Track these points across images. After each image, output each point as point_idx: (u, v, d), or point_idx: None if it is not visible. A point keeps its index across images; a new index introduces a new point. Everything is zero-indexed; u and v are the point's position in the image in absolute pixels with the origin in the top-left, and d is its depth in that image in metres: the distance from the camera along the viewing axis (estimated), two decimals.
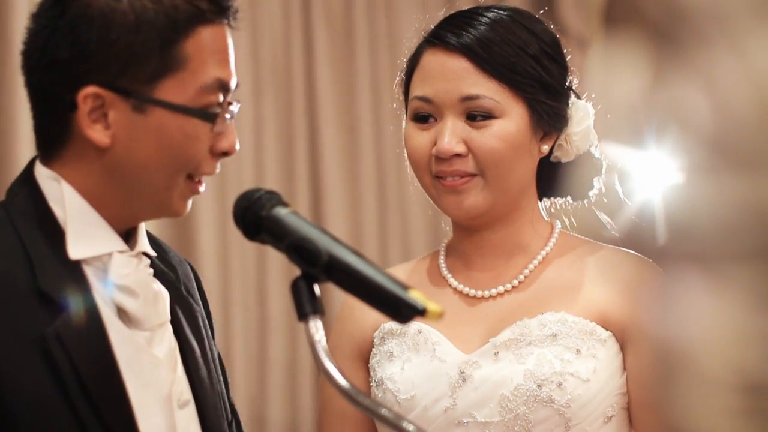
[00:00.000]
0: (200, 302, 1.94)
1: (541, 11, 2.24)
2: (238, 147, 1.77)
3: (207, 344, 1.88)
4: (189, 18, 1.71)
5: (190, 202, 1.79)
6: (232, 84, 1.75)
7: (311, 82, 4.32)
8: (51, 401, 1.64)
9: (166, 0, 1.70)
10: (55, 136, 1.75)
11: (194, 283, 1.95)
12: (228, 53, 1.75)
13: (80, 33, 1.69)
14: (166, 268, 1.86)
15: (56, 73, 1.71)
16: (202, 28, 1.72)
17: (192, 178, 1.75)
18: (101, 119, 1.70)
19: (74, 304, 1.67)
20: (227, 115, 1.74)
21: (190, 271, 1.95)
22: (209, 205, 4.05)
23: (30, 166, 1.77)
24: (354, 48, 4.38)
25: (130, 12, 1.69)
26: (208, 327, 1.93)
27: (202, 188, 1.78)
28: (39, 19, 1.73)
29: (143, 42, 1.69)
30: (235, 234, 1.75)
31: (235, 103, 1.77)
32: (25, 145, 3.70)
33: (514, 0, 4.51)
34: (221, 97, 1.73)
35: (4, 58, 3.70)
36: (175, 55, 1.70)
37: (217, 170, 1.78)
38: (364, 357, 2.19)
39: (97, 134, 1.70)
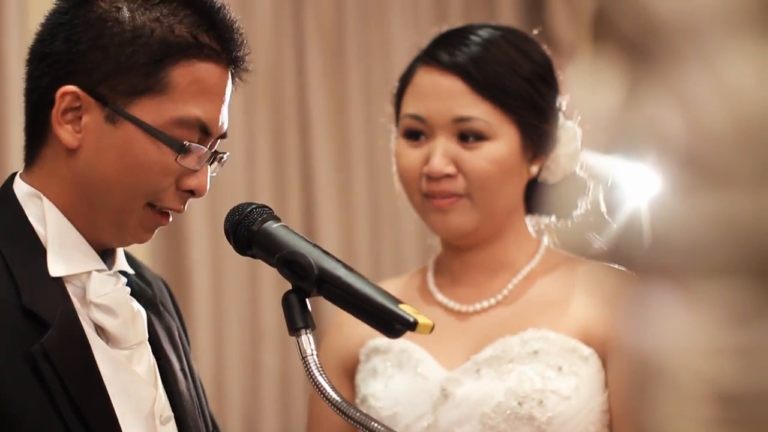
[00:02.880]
0: (175, 317, 1.95)
1: (535, 31, 2.25)
2: (206, 190, 1.75)
3: (185, 359, 1.89)
4: (185, 47, 1.72)
5: (153, 233, 1.79)
6: (215, 129, 1.75)
7: (303, 95, 4.33)
8: (45, 418, 1.65)
9: (165, 21, 1.71)
10: (36, 135, 1.77)
11: (168, 298, 1.96)
12: (218, 97, 1.74)
13: (75, 32, 1.71)
14: (143, 284, 1.87)
15: (46, 66, 1.73)
16: (198, 63, 1.72)
17: (154, 208, 1.74)
18: (75, 122, 1.72)
19: (59, 321, 1.68)
20: (202, 154, 1.74)
21: (163, 286, 1.96)
22: (201, 218, 4.06)
23: (9, 183, 1.78)
24: (346, 60, 4.39)
25: (128, 23, 1.71)
26: (185, 341, 1.94)
27: (168, 220, 1.77)
28: (50, 15, 1.76)
29: (131, 56, 1.70)
30: (227, 247, 1.76)
31: (223, 153, 1.77)
32: (16, 153, 3.71)
33: (505, 13, 4.52)
34: (198, 137, 1.73)
35: None
36: (160, 78, 1.70)
37: (184, 209, 1.77)
38: (349, 374, 2.21)
39: (67, 135, 1.72)
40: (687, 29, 0.84)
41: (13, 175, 1.80)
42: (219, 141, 1.79)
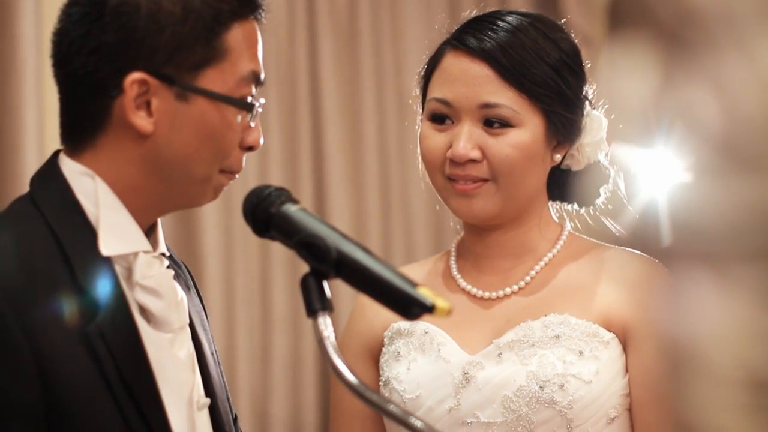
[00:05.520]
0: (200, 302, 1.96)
1: (564, 20, 2.26)
2: (262, 142, 1.80)
3: (213, 344, 1.90)
4: (231, 11, 1.75)
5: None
6: (262, 76, 1.79)
7: (315, 81, 4.33)
8: (98, 396, 1.66)
9: None
10: (91, 124, 1.75)
11: (192, 282, 1.97)
12: (259, 48, 1.79)
13: (128, 19, 1.71)
14: (176, 267, 1.88)
15: (101, 57, 1.72)
16: (239, 23, 1.76)
17: (224, 171, 1.78)
18: (143, 106, 1.72)
19: (111, 301, 1.68)
20: (257, 109, 1.78)
21: (186, 270, 1.97)
22: (212, 202, 4.06)
23: (54, 160, 1.78)
24: (358, 47, 4.40)
25: (177, 2, 1.72)
26: (208, 326, 1.95)
27: (232, 179, 1.81)
28: (78, 6, 1.75)
29: (189, 31, 1.72)
30: (239, 230, 1.77)
31: (261, 100, 1.80)
32: (30, 141, 3.71)
33: (519, 2, 4.52)
34: (254, 90, 1.77)
35: (9, 57, 3.71)
36: (218, 46, 1.73)
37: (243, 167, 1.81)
38: (374, 356, 2.21)
39: (142, 121, 1.72)
40: (724, 17, 0.84)
41: (58, 152, 1.79)
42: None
